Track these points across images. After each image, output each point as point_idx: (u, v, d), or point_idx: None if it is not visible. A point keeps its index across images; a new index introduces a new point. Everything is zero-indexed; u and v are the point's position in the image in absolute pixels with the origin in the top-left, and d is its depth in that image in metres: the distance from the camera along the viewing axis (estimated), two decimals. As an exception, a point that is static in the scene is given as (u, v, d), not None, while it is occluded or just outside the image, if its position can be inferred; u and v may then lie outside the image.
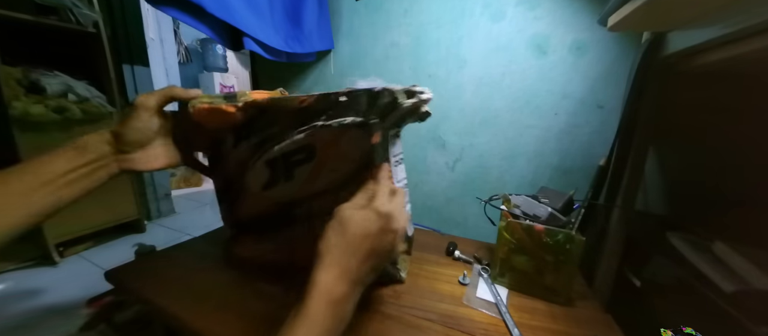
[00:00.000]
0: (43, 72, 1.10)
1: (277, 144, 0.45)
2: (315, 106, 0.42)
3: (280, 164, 0.47)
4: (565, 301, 0.51)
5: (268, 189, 0.49)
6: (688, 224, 0.55)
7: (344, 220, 0.32)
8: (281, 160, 0.46)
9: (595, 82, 0.83)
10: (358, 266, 0.31)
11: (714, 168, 0.54)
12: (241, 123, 0.47)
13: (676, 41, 0.48)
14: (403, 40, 1.01)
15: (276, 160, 0.47)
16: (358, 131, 0.40)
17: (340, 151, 0.43)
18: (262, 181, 0.49)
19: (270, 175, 0.48)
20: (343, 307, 0.30)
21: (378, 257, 0.33)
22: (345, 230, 0.32)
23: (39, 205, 0.35)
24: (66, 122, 1.12)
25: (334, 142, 0.42)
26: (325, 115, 0.41)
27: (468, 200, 1.04)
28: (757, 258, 0.42)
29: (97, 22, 1.21)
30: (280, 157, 0.46)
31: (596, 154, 0.77)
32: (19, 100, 1.01)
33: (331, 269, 0.30)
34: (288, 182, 0.47)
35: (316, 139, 0.43)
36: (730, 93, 0.50)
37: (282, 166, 0.47)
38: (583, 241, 0.48)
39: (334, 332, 0.29)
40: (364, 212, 0.33)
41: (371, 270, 0.32)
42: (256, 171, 0.48)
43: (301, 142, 0.44)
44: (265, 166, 0.48)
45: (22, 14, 1.03)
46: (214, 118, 0.46)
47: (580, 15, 0.80)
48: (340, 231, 0.32)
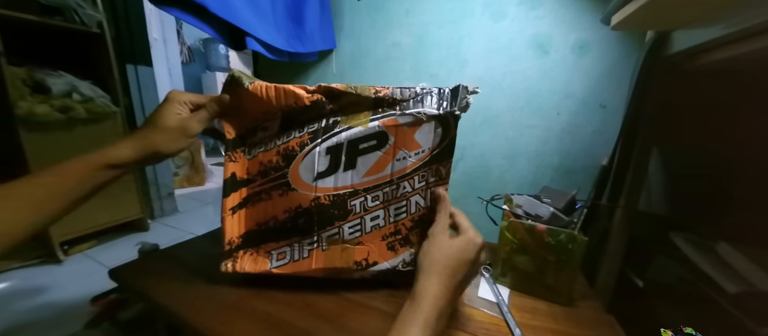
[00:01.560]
0: (48, 72, 1.11)
1: (344, 131, 0.46)
2: (390, 97, 0.45)
3: (343, 151, 0.46)
4: (567, 301, 0.51)
5: (321, 178, 0.47)
6: (691, 224, 0.54)
7: (447, 245, 0.38)
8: (347, 147, 0.46)
9: (598, 82, 0.82)
10: (456, 287, 0.36)
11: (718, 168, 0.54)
12: (295, 109, 0.47)
13: (680, 40, 0.47)
14: (405, 40, 1.01)
15: (339, 147, 0.46)
16: (436, 123, 0.43)
17: (414, 142, 0.44)
18: (319, 169, 0.47)
19: (330, 163, 0.47)
20: (444, 320, 0.33)
21: (469, 280, 0.39)
22: (449, 255, 0.37)
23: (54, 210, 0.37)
24: (71, 122, 1.13)
25: (409, 133, 0.44)
26: (399, 106, 0.45)
27: (469, 200, 1.04)
28: (761, 259, 0.42)
29: (101, 22, 1.22)
30: (345, 144, 0.46)
31: (599, 153, 0.76)
32: (24, 100, 1.02)
33: (438, 283, 0.34)
34: (348, 171, 0.47)
35: (391, 128, 0.44)
36: (734, 92, 0.49)
37: (346, 154, 0.46)
38: (585, 241, 0.48)
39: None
40: (463, 242, 0.38)
41: (463, 290, 0.39)
42: (311, 158, 0.47)
43: (375, 130, 0.45)
44: (325, 153, 0.47)
45: (27, 15, 1.04)
46: (279, 99, 0.46)
47: (583, 14, 0.80)
48: (445, 253, 0.37)
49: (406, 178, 0.45)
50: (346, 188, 0.47)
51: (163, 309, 0.46)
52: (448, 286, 0.34)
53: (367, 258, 0.48)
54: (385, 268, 0.48)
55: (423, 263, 0.36)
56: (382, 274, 0.48)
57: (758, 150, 0.46)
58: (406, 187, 0.46)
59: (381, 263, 0.48)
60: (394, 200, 0.46)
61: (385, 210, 0.47)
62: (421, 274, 0.35)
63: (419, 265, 0.37)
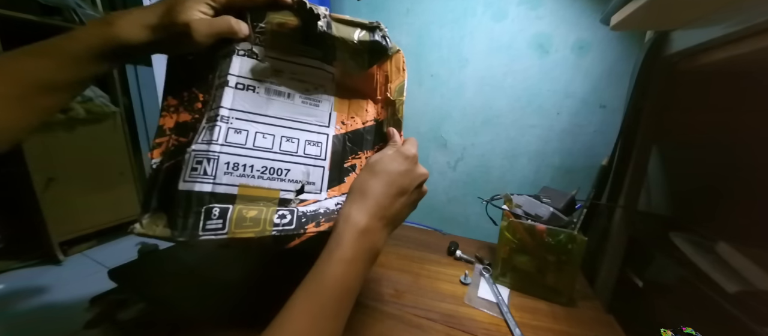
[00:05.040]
0: (48, 72, 1.11)
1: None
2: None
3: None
4: (567, 301, 0.51)
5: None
6: (690, 224, 0.54)
7: (374, 162, 0.34)
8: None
9: (598, 82, 0.82)
10: (388, 203, 0.33)
11: (717, 168, 0.54)
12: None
13: (679, 40, 0.47)
14: (405, 40, 1.01)
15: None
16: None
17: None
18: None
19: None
20: (371, 238, 0.31)
21: (406, 195, 0.34)
22: (374, 169, 0.34)
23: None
24: (70, 122, 1.13)
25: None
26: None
27: (469, 200, 1.04)
28: (761, 258, 0.42)
29: (100, 22, 1.22)
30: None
31: (599, 153, 0.77)
32: (23, 100, 1.02)
33: (361, 204, 0.32)
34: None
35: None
36: (734, 92, 0.49)
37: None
38: (585, 241, 0.48)
39: (365, 261, 0.31)
40: (391, 153, 0.35)
41: (401, 208, 0.34)
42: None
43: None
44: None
45: (26, 15, 1.04)
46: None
47: (583, 14, 0.80)
48: (370, 170, 0.34)
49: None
50: None
51: (163, 309, 0.46)
52: (375, 203, 0.32)
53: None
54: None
55: (352, 187, 0.34)
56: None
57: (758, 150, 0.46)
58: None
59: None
60: None
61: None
62: (348, 199, 0.33)
63: (349, 189, 0.34)
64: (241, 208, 0.32)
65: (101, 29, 0.29)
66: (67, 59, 0.29)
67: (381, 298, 0.49)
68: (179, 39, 0.30)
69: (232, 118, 0.33)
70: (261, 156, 0.34)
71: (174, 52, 0.35)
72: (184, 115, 0.36)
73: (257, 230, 0.32)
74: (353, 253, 0.29)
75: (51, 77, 0.29)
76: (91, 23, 0.30)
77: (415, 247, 0.67)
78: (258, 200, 0.33)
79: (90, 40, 0.29)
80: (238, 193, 0.32)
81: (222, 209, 0.31)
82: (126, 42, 0.29)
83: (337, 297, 0.28)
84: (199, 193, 0.31)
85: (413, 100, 1.02)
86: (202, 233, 0.30)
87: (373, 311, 0.46)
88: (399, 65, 0.42)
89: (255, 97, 0.34)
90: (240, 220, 0.32)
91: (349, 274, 0.29)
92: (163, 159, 0.34)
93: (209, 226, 0.31)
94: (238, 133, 0.33)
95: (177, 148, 0.34)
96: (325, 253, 0.29)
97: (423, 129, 1.04)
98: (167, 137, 0.35)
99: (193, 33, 0.29)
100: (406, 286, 0.53)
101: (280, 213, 0.34)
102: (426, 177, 0.36)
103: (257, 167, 0.33)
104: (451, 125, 1.01)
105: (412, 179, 0.35)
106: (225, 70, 0.33)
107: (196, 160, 0.31)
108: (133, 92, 1.45)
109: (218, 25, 0.31)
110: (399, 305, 0.48)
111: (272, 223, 0.33)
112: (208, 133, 0.32)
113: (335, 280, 0.28)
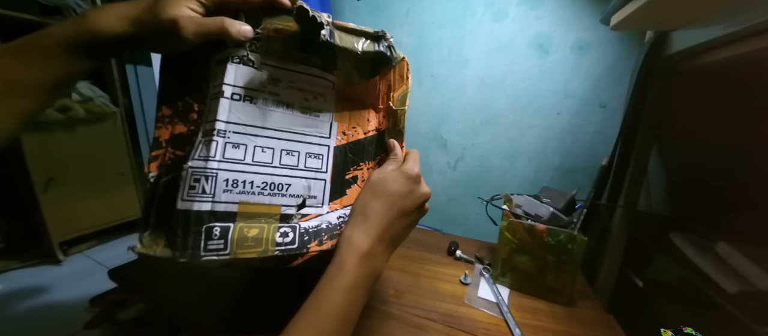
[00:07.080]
0: (48, 72, 1.11)
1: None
2: None
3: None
4: (567, 301, 0.51)
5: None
6: (691, 224, 0.54)
7: (376, 181, 0.34)
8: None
9: (598, 82, 0.82)
10: (389, 225, 0.32)
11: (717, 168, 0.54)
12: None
13: (679, 40, 0.47)
14: (406, 40, 1.01)
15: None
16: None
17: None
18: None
19: None
20: (373, 262, 0.31)
21: (408, 216, 0.34)
22: (376, 190, 0.33)
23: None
24: (70, 122, 1.13)
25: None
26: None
27: (469, 200, 1.04)
28: (761, 259, 0.42)
29: (100, 22, 1.22)
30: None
31: (599, 153, 0.77)
32: (23, 100, 1.02)
33: (364, 227, 0.31)
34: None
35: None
36: (733, 93, 0.49)
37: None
38: (585, 241, 0.48)
39: (366, 286, 0.30)
40: (394, 174, 0.34)
41: (402, 229, 0.34)
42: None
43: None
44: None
45: (26, 15, 1.04)
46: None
47: (583, 14, 0.80)
48: (372, 191, 0.33)
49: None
50: None
51: (163, 309, 0.46)
52: (376, 225, 0.31)
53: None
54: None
55: (354, 208, 0.33)
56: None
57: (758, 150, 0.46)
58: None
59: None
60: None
61: None
62: (349, 220, 0.33)
63: (352, 210, 0.33)
64: (242, 226, 0.31)
65: (74, 22, 0.27)
66: (36, 55, 0.27)
67: (381, 298, 0.49)
68: (165, 36, 0.28)
69: (230, 132, 0.31)
70: (261, 171, 0.32)
71: (162, 50, 0.33)
72: (180, 127, 0.34)
73: (260, 250, 0.31)
74: (355, 279, 0.29)
75: (21, 76, 0.27)
76: (69, 19, 0.29)
77: (415, 247, 0.67)
78: (259, 217, 0.32)
79: (61, 33, 0.27)
80: (239, 210, 0.31)
81: (223, 228, 0.30)
82: (100, 33, 0.27)
83: (337, 326, 0.27)
84: (198, 213, 0.29)
85: (413, 100, 1.01)
86: (204, 254, 0.29)
87: (373, 311, 0.46)
88: (403, 73, 0.40)
89: (252, 108, 0.32)
90: (242, 240, 0.31)
91: (350, 302, 0.28)
92: (161, 173, 0.33)
93: (210, 246, 0.30)
94: (237, 148, 0.31)
95: (174, 162, 0.33)
96: (326, 279, 0.29)
97: (423, 129, 1.04)
98: (163, 149, 0.34)
99: (181, 30, 0.27)
100: (406, 286, 0.53)
101: (282, 230, 0.33)
102: (428, 196, 0.35)
103: (257, 183, 0.32)
104: (451, 125, 1.01)
105: (415, 200, 0.34)
106: (219, 80, 0.31)
107: (193, 177, 0.30)
108: (133, 92, 1.44)
109: (209, 24, 0.29)
110: (399, 305, 0.48)
111: (275, 243, 0.32)
112: (204, 149, 0.30)
113: (337, 308, 0.28)
